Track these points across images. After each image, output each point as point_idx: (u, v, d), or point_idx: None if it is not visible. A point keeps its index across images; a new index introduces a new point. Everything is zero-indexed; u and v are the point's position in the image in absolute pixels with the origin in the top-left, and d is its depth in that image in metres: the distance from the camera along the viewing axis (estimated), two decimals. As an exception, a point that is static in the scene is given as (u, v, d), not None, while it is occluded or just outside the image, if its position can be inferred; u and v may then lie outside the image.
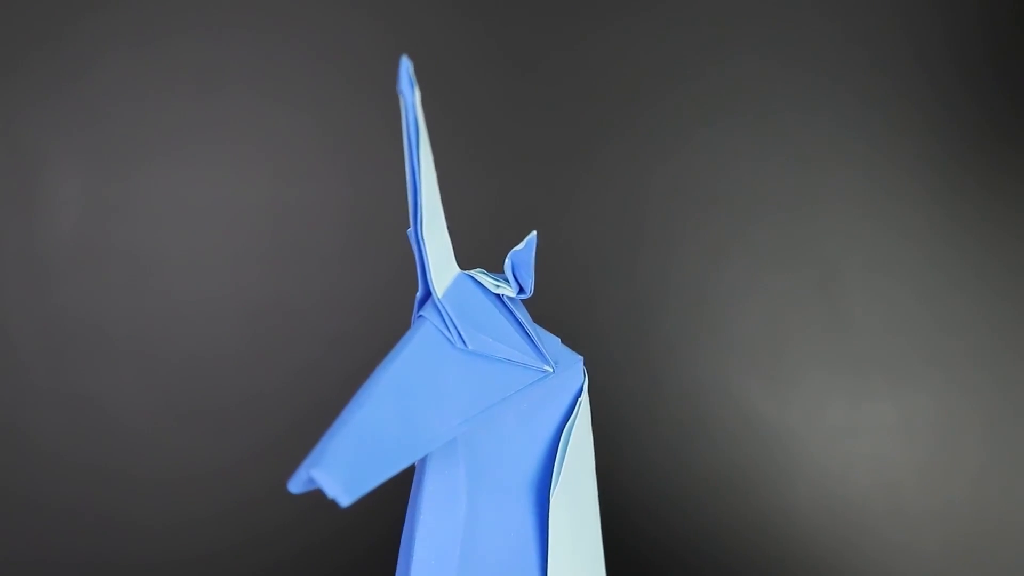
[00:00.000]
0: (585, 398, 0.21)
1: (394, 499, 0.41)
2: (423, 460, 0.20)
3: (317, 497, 0.44)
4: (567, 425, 0.21)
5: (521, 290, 0.20)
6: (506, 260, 0.20)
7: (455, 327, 0.19)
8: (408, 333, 0.19)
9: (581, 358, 0.21)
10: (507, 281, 0.20)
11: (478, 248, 0.38)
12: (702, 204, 0.40)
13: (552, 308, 0.39)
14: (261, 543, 0.41)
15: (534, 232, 0.20)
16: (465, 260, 0.43)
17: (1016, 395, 0.39)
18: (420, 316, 0.19)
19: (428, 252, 0.19)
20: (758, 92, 0.39)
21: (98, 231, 0.39)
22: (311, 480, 0.15)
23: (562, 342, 0.21)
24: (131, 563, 0.41)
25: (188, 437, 0.41)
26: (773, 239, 0.40)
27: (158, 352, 0.40)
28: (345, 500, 0.15)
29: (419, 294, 0.19)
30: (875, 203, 0.39)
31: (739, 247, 0.40)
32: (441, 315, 0.19)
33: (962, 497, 0.40)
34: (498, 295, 0.20)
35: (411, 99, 0.17)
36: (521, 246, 0.20)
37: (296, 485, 0.15)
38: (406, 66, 0.17)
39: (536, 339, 0.20)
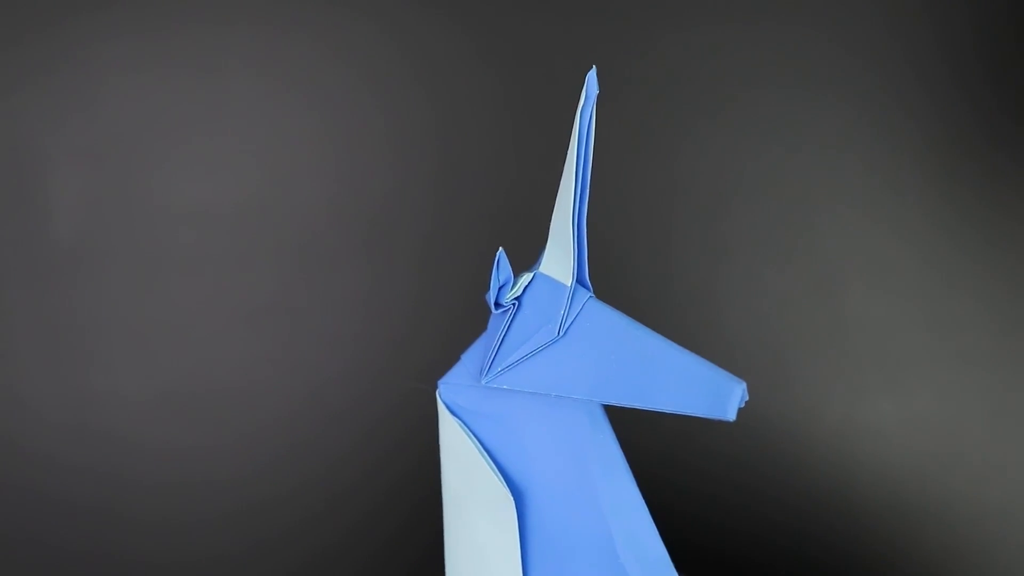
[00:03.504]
0: None
1: (393, 505, 0.42)
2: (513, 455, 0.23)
3: (317, 499, 0.43)
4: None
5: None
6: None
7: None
8: (608, 308, 0.21)
9: None
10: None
11: (481, 246, 0.38)
12: (702, 204, 0.40)
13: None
14: (262, 545, 0.41)
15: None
16: (467, 258, 0.43)
17: (1016, 395, 0.39)
18: (591, 297, 0.22)
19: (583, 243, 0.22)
20: (759, 95, 0.39)
21: (98, 231, 0.39)
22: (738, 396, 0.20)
23: None
24: (130, 563, 0.41)
25: (188, 437, 0.41)
26: (773, 239, 0.40)
27: (158, 352, 0.40)
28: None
29: (573, 282, 0.22)
30: (875, 205, 0.39)
31: (739, 247, 0.40)
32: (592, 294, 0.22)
33: (962, 497, 0.40)
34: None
35: (594, 98, 0.21)
36: None
37: (734, 410, 0.20)
38: (594, 72, 0.21)
39: None
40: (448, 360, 0.25)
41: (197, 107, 0.39)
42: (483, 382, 0.22)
